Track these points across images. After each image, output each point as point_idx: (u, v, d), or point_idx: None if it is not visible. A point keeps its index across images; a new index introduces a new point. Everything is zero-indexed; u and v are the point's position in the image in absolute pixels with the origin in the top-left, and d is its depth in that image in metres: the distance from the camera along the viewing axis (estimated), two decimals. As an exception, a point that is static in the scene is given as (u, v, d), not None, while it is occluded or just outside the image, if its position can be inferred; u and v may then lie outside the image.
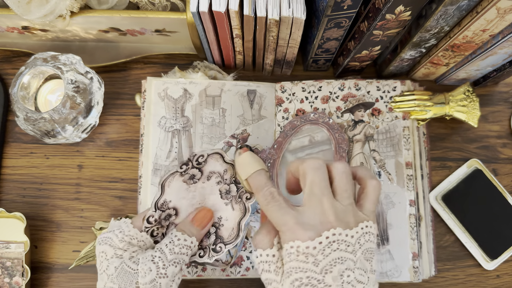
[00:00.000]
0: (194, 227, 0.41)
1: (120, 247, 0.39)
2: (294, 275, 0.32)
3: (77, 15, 0.50)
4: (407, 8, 0.41)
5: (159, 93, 0.55)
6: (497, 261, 0.56)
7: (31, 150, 0.59)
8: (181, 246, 0.39)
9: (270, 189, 0.36)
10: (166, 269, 0.38)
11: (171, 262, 0.38)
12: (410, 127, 0.55)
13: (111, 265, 0.38)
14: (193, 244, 0.40)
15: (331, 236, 0.32)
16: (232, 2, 0.43)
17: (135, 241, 0.40)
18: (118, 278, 0.37)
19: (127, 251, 0.39)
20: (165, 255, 0.38)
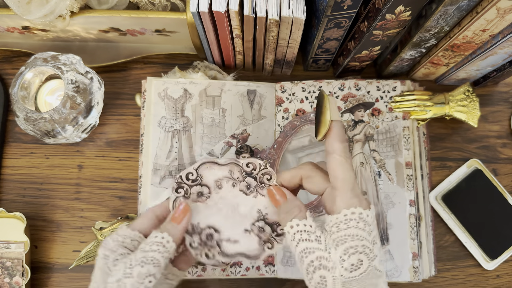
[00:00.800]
0: (170, 223, 0.39)
1: (110, 247, 0.38)
2: (350, 243, 0.33)
3: (77, 15, 0.50)
4: (407, 8, 0.41)
5: (159, 93, 0.55)
6: (497, 261, 0.56)
7: (31, 150, 0.59)
8: (151, 243, 0.37)
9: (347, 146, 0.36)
10: (132, 268, 0.35)
11: (138, 261, 0.36)
12: (410, 127, 0.55)
13: (97, 267, 0.38)
14: (165, 240, 0.37)
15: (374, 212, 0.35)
16: (232, 2, 0.43)
17: (128, 241, 0.39)
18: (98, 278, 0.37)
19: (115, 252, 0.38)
20: (135, 254, 0.37)
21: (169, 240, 0.37)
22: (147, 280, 0.36)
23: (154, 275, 0.36)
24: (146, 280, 0.36)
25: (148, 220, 0.41)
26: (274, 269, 0.53)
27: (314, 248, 0.34)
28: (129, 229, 0.39)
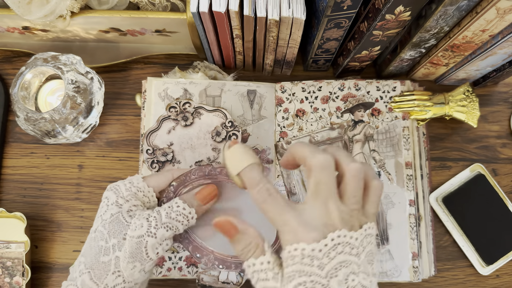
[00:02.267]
0: (196, 201, 0.40)
1: (124, 196, 0.39)
2: (298, 279, 0.30)
3: (77, 16, 0.50)
4: (406, 8, 0.41)
5: (159, 93, 0.55)
6: (492, 267, 0.56)
7: (32, 150, 0.59)
8: (178, 213, 0.38)
9: (266, 185, 0.33)
10: (157, 229, 0.37)
11: (164, 224, 0.37)
12: (410, 127, 0.55)
13: (109, 211, 0.38)
14: (191, 215, 0.39)
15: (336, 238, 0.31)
16: (232, 2, 0.43)
17: (141, 195, 0.40)
18: (110, 225, 0.37)
19: (129, 202, 0.39)
20: (160, 216, 0.38)
21: (194, 216, 0.39)
22: (165, 242, 0.38)
23: (170, 240, 0.38)
24: (165, 242, 0.38)
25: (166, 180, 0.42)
26: (274, 269, 0.53)
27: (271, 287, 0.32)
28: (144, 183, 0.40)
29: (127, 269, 0.36)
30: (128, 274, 0.36)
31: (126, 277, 0.36)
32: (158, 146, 0.52)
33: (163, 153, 0.52)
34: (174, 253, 0.52)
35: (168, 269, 0.52)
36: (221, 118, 0.54)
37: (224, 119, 0.54)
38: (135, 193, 0.40)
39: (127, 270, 0.36)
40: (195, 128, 0.54)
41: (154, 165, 0.52)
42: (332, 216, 0.31)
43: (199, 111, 0.54)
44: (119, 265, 0.36)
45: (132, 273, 0.36)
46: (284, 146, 0.55)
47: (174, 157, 0.52)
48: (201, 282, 0.52)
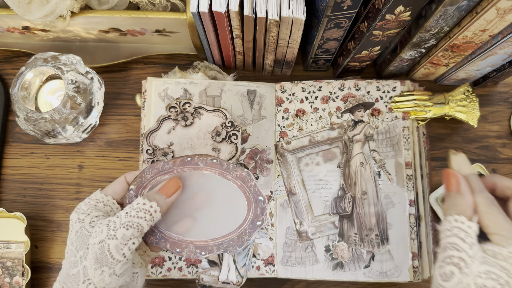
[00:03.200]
0: (159, 195, 0.40)
1: (84, 211, 0.39)
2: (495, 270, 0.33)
3: (77, 16, 0.50)
4: (406, 8, 0.41)
5: (159, 93, 0.55)
6: None
7: (32, 150, 0.59)
8: (139, 210, 0.38)
9: (490, 195, 0.37)
10: (116, 230, 0.37)
11: (124, 224, 0.37)
12: (410, 127, 0.55)
13: (73, 230, 0.39)
14: (153, 209, 0.38)
15: None
16: (232, 2, 0.43)
17: (101, 205, 0.40)
18: (76, 241, 0.38)
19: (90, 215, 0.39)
20: (120, 218, 0.37)
21: (156, 210, 0.39)
22: (131, 242, 0.37)
23: (137, 238, 0.38)
24: (130, 242, 0.37)
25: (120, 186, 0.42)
26: (274, 269, 0.53)
27: (463, 249, 0.34)
28: (102, 194, 0.41)
29: (95, 275, 0.36)
30: (98, 280, 0.36)
31: (97, 283, 0.36)
32: (158, 146, 0.52)
33: (163, 153, 0.52)
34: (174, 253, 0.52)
35: (168, 269, 0.52)
36: (221, 118, 0.54)
37: (224, 119, 0.54)
38: (94, 205, 0.40)
39: (96, 276, 0.36)
40: (195, 128, 0.54)
41: None
42: None
43: (199, 111, 0.54)
44: (88, 273, 0.37)
45: (102, 278, 0.36)
46: (284, 146, 0.55)
47: (174, 157, 0.52)
48: (201, 282, 0.52)
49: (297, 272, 0.52)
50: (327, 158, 0.55)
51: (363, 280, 0.52)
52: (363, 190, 0.53)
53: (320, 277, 0.52)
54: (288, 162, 0.55)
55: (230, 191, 0.43)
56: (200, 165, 0.42)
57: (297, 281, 0.56)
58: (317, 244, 0.53)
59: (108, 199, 0.41)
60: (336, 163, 0.55)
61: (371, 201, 0.53)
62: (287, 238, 0.53)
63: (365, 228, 0.53)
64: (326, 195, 0.54)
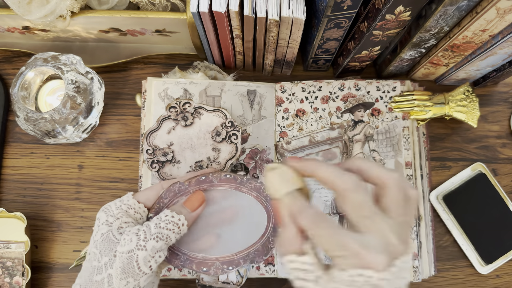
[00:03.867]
0: (185, 208, 0.40)
1: (114, 214, 0.38)
2: None
3: (77, 15, 0.50)
4: (406, 8, 0.41)
5: (159, 93, 0.55)
6: (491, 266, 0.56)
7: (32, 150, 0.59)
8: (167, 222, 0.38)
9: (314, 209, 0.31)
10: (146, 242, 0.36)
11: (153, 235, 0.36)
12: (410, 127, 0.55)
13: (99, 232, 0.38)
14: (180, 222, 0.38)
15: (400, 265, 0.28)
16: (232, 2, 0.43)
17: (132, 211, 0.40)
18: (102, 244, 0.37)
19: (119, 220, 0.38)
20: (149, 229, 0.37)
21: (184, 223, 0.38)
22: (158, 255, 0.37)
23: (163, 251, 0.37)
24: (157, 255, 0.37)
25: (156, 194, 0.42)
26: (274, 269, 0.53)
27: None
28: (135, 200, 0.40)
29: (120, 286, 0.36)
30: None
31: None
32: (158, 146, 0.52)
33: (163, 153, 0.52)
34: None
35: (168, 269, 0.52)
36: (221, 118, 0.54)
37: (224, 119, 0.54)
38: (126, 210, 0.39)
39: (121, 287, 0.36)
40: (195, 128, 0.54)
41: (154, 165, 0.52)
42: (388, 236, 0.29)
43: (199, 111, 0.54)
44: (112, 283, 0.36)
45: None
46: (284, 146, 0.55)
47: (174, 157, 0.52)
48: (201, 282, 0.52)
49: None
50: (327, 158, 0.55)
51: (363, 280, 0.52)
52: (363, 190, 0.53)
53: (320, 277, 0.52)
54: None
55: (247, 203, 0.43)
56: (215, 182, 0.42)
57: (297, 281, 0.56)
58: (317, 244, 0.53)
59: (140, 207, 0.40)
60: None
61: None
62: (287, 238, 0.53)
63: (365, 228, 0.53)
64: (326, 195, 0.54)
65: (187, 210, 0.40)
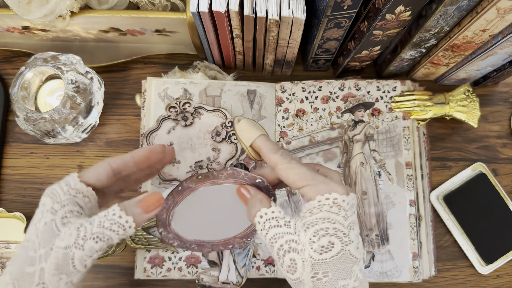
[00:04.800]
0: (137, 208, 0.36)
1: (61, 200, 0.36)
2: (320, 225, 0.32)
3: (77, 15, 0.50)
4: (407, 8, 0.41)
5: (159, 93, 0.55)
6: (492, 266, 0.56)
7: (31, 150, 0.59)
8: (113, 222, 0.35)
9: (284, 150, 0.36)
10: (85, 241, 0.34)
11: (94, 235, 0.34)
12: (410, 127, 0.55)
13: (43, 219, 0.36)
14: (128, 224, 0.35)
15: (354, 199, 0.34)
16: (232, 2, 0.43)
17: (80, 196, 0.37)
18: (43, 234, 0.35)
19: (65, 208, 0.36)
20: (91, 226, 0.34)
21: (131, 226, 0.35)
22: (96, 255, 0.35)
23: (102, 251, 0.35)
24: (95, 255, 0.35)
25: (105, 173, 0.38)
26: (274, 269, 0.53)
27: (283, 233, 0.33)
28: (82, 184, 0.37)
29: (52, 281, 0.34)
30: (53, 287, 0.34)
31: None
32: None
33: None
34: (174, 253, 0.52)
35: (168, 269, 0.52)
36: (221, 118, 0.54)
37: (224, 119, 0.53)
38: (73, 196, 0.37)
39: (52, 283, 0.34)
40: (195, 128, 0.53)
41: None
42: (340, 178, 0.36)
43: (199, 111, 0.54)
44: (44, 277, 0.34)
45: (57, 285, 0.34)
46: (284, 146, 0.55)
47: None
48: (201, 282, 0.52)
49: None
50: (327, 158, 0.55)
51: (363, 280, 0.52)
52: (363, 190, 0.53)
53: (320, 277, 0.52)
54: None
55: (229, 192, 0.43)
56: (192, 186, 0.42)
57: (297, 281, 0.56)
58: (317, 244, 0.53)
59: (88, 190, 0.37)
60: (336, 163, 0.54)
61: (371, 201, 0.53)
62: (287, 238, 0.53)
63: (365, 228, 0.53)
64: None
65: (139, 211, 0.36)
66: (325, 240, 0.32)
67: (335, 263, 0.32)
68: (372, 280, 0.51)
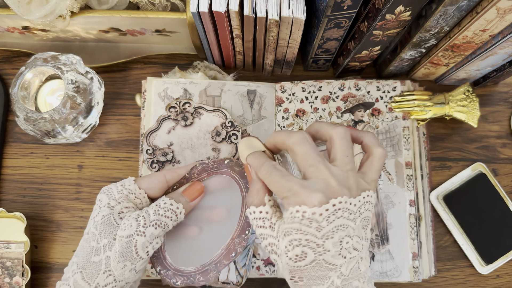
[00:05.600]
0: (183, 197, 0.41)
1: (116, 198, 0.40)
2: (294, 235, 0.32)
3: (77, 15, 0.50)
4: (407, 8, 0.41)
5: (159, 93, 0.55)
6: (491, 266, 0.56)
7: (31, 150, 0.59)
8: (166, 209, 0.39)
9: (270, 163, 0.36)
10: (145, 228, 0.38)
11: (152, 222, 0.38)
12: (410, 127, 0.55)
13: (100, 213, 0.39)
14: (178, 210, 0.40)
15: (337, 204, 0.32)
16: (232, 2, 0.43)
17: (132, 197, 0.41)
18: (101, 226, 0.38)
19: (120, 204, 0.39)
20: (148, 215, 0.38)
21: (182, 211, 0.40)
22: (155, 241, 0.38)
23: (160, 238, 0.39)
24: (155, 241, 0.38)
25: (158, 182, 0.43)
26: (274, 269, 0.53)
27: (267, 235, 0.35)
28: (136, 186, 0.41)
29: (117, 268, 0.37)
30: (119, 273, 0.37)
31: (117, 276, 0.37)
32: (158, 146, 0.52)
33: (163, 153, 0.52)
34: None
35: (168, 269, 0.52)
36: (221, 118, 0.54)
37: (224, 119, 0.54)
38: (126, 195, 0.40)
39: (118, 270, 0.37)
40: (195, 128, 0.54)
41: (154, 165, 0.52)
42: (329, 179, 0.33)
43: (199, 111, 0.54)
44: (110, 265, 0.37)
45: (122, 272, 0.37)
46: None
47: (174, 157, 0.52)
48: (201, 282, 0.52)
49: (297, 272, 0.52)
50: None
51: (363, 280, 0.52)
52: (363, 190, 0.53)
53: (320, 277, 0.52)
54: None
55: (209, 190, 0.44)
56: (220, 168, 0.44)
57: (297, 281, 0.56)
58: (317, 244, 0.53)
59: (140, 192, 0.41)
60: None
61: None
62: (287, 238, 0.53)
63: (365, 228, 0.53)
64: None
65: (185, 199, 0.41)
66: (298, 250, 0.32)
67: (309, 271, 0.32)
68: (372, 280, 0.51)
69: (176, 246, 0.42)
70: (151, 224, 0.38)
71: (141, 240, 0.37)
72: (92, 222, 0.39)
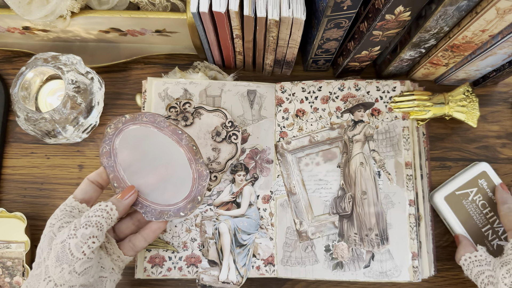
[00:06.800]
0: (115, 198, 0.44)
1: (57, 216, 0.42)
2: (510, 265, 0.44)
3: (77, 16, 0.51)
4: (406, 8, 0.41)
5: (159, 93, 0.55)
6: None
7: (32, 150, 0.59)
8: (96, 210, 0.41)
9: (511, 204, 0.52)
10: (76, 230, 0.39)
11: (83, 224, 0.40)
12: (410, 127, 0.55)
13: (43, 235, 0.42)
14: (108, 207, 0.42)
15: None
16: (232, 2, 0.43)
17: (76, 211, 0.43)
18: (43, 244, 0.41)
19: (61, 220, 0.42)
20: (79, 220, 0.41)
21: (112, 208, 0.42)
22: (91, 241, 0.40)
23: (97, 237, 0.40)
24: (90, 240, 0.40)
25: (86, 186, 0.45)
26: (274, 269, 0.53)
27: (484, 270, 0.47)
28: (77, 202, 0.44)
29: (55, 273, 0.38)
30: (58, 277, 0.38)
31: (57, 280, 0.39)
32: None
33: None
34: (174, 253, 0.52)
35: (168, 269, 0.52)
36: (221, 118, 0.54)
37: (224, 119, 0.54)
38: (70, 211, 0.43)
39: (56, 274, 0.38)
40: (195, 128, 0.54)
41: None
42: None
43: (199, 111, 0.54)
44: (48, 271, 0.39)
45: (61, 275, 0.38)
46: (284, 146, 0.55)
47: None
48: (201, 282, 0.52)
49: (297, 272, 0.52)
50: (327, 158, 0.55)
51: (363, 280, 0.52)
52: (363, 190, 0.53)
53: (320, 277, 0.52)
54: (288, 162, 0.55)
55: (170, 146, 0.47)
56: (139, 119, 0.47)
57: (297, 281, 0.56)
58: (317, 244, 0.53)
59: (82, 206, 0.44)
60: (336, 163, 0.55)
61: (371, 201, 0.53)
62: (287, 238, 0.53)
63: (365, 228, 0.53)
64: (326, 195, 0.54)
65: (117, 199, 0.44)
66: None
67: None
68: (371, 279, 0.52)
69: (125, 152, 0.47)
70: (81, 226, 0.40)
71: (73, 242, 0.39)
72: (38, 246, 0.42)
